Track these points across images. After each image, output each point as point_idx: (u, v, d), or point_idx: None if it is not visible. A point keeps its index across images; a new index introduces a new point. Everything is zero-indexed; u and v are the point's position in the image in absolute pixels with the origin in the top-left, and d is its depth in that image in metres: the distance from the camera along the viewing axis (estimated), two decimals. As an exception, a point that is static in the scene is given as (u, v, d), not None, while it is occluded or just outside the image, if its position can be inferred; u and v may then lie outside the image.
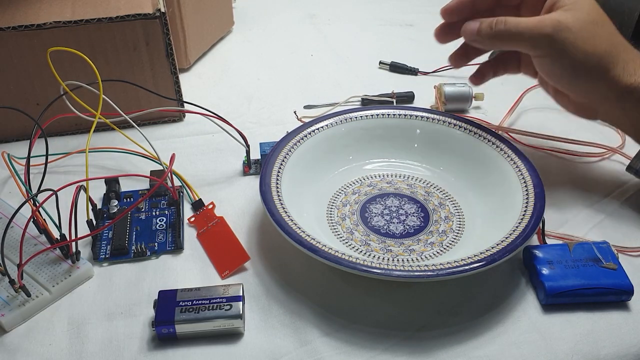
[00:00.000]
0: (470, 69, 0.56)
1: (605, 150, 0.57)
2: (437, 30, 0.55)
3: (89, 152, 0.48)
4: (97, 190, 0.52)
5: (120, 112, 0.51)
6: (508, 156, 0.50)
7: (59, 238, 0.44)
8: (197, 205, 0.52)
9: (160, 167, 0.54)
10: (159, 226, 0.50)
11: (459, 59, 0.55)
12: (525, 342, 0.41)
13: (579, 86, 0.49)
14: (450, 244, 0.47)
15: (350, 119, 0.55)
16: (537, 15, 0.49)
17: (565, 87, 0.50)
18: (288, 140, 0.52)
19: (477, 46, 0.51)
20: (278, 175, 0.48)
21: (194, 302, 0.41)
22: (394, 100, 0.64)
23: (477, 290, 0.44)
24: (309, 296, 0.44)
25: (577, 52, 0.46)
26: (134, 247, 0.47)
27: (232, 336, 0.41)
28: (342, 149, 0.54)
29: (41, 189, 0.42)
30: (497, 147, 0.51)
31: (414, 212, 0.51)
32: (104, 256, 0.47)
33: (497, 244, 0.42)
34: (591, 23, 0.47)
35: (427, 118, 0.55)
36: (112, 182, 0.52)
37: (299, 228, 0.43)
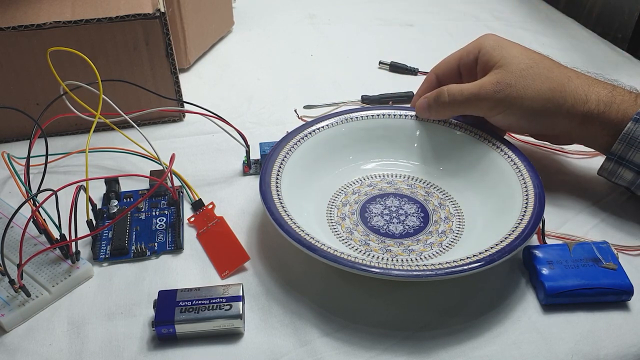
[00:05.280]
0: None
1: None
2: None
3: (89, 152, 0.48)
4: (97, 190, 0.52)
5: (120, 112, 0.51)
6: (508, 156, 0.50)
7: (58, 238, 0.44)
8: (197, 205, 0.52)
9: (160, 167, 0.54)
10: (158, 226, 0.50)
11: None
12: (525, 342, 0.41)
13: (539, 127, 0.51)
14: (450, 244, 0.47)
15: (350, 119, 0.55)
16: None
17: (529, 131, 0.53)
18: (288, 140, 0.52)
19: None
20: (278, 175, 0.48)
21: (194, 302, 0.41)
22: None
23: (477, 290, 0.44)
24: (309, 296, 0.44)
25: (523, 103, 0.49)
26: (133, 247, 0.47)
27: (232, 336, 0.41)
28: (342, 149, 0.54)
29: (41, 189, 0.42)
30: (496, 147, 0.51)
31: (413, 213, 0.51)
32: (104, 256, 0.47)
33: (497, 244, 0.42)
34: (526, 69, 0.49)
35: (427, 118, 0.55)
36: (112, 182, 0.52)
37: (299, 227, 0.43)
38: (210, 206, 0.52)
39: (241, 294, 0.42)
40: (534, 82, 0.49)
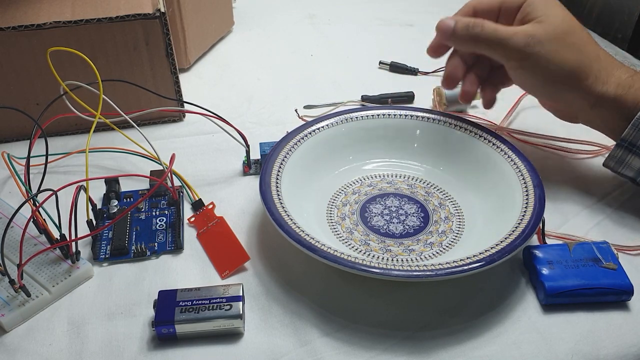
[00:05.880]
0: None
1: (601, 148, 0.57)
2: (431, 48, 0.54)
3: (89, 152, 0.48)
4: (97, 190, 0.52)
5: (120, 112, 0.51)
6: (508, 156, 0.50)
7: (59, 238, 0.44)
8: (197, 205, 0.52)
9: (160, 167, 0.54)
10: (159, 226, 0.50)
11: (438, 49, 0.54)
12: (525, 342, 0.41)
13: (553, 95, 0.51)
14: (449, 244, 0.47)
15: (351, 119, 0.55)
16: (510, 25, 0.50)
17: (540, 96, 0.53)
18: (288, 140, 0.52)
19: (449, 44, 0.53)
20: (278, 175, 0.48)
21: (194, 302, 0.41)
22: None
23: (477, 290, 0.44)
24: (309, 296, 0.44)
25: (548, 64, 0.48)
26: (134, 247, 0.47)
27: (232, 336, 0.41)
28: (342, 149, 0.54)
29: (41, 189, 0.42)
30: (497, 147, 0.51)
31: (413, 212, 0.51)
32: (104, 256, 0.47)
33: (497, 244, 0.42)
34: (563, 34, 0.48)
35: (427, 118, 0.55)
36: (112, 182, 0.52)
37: (298, 227, 0.43)
38: (210, 206, 0.52)
39: (241, 294, 0.42)
40: (565, 49, 0.48)
